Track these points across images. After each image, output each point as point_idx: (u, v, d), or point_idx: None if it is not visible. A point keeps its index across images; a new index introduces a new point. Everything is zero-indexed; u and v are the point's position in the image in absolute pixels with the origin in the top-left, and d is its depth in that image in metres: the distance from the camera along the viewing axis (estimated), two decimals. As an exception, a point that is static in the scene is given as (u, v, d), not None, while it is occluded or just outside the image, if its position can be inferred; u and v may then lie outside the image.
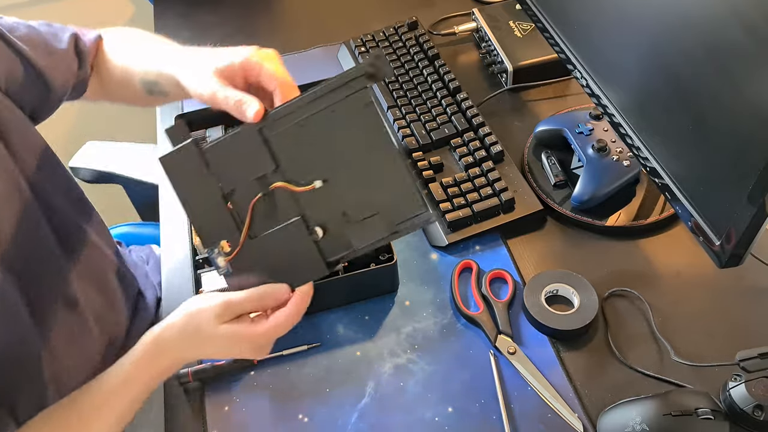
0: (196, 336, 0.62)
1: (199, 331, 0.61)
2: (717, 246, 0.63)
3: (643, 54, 0.70)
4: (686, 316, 0.75)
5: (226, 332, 0.60)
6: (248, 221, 0.59)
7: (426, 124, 0.93)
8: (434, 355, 0.74)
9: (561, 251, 0.83)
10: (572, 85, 1.02)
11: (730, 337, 0.73)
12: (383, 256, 0.77)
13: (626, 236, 0.83)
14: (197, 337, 0.61)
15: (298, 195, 0.58)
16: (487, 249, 0.83)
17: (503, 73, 1.02)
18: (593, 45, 0.80)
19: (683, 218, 0.68)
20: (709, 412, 0.63)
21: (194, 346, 0.63)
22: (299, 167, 0.58)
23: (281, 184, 0.58)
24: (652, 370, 0.71)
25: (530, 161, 0.91)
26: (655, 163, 0.71)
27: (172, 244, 0.88)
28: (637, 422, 0.63)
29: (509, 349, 0.73)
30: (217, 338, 0.61)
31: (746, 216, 0.57)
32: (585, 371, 0.72)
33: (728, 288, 0.77)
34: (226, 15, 1.24)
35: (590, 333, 0.75)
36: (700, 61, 0.61)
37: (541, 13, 0.90)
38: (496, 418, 0.69)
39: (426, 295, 0.80)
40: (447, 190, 0.86)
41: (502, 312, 0.76)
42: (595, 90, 0.79)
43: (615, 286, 0.78)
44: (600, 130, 0.88)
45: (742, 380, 0.64)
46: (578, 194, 0.83)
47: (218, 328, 0.60)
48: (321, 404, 0.71)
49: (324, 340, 0.76)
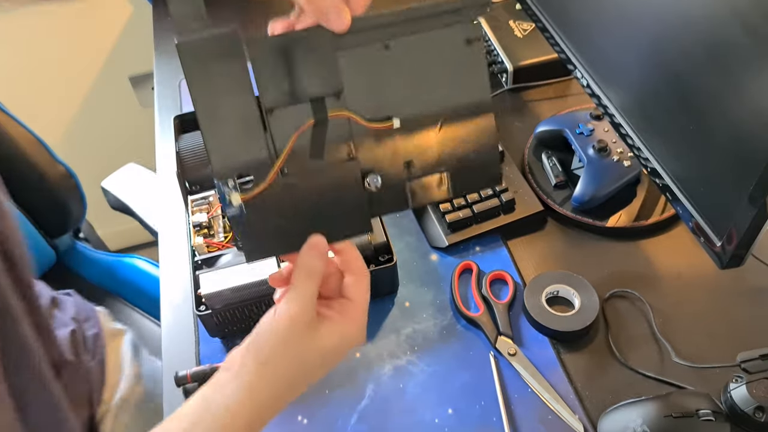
0: (305, 371, 0.49)
1: (306, 362, 0.49)
2: (718, 247, 0.62)
3: (643, 54, 0.70)
4: (687, 317, 0.75)
5: (334, 339, 0.50)
6: (287, 151, 0.47)
7: (426, 124, 0.93)
8: (434, 356, 0.74)
9: (561, 252, 0.83)
10: (573, 86, 1.02)
11: (731, 338, 0.72)
12: (383, 257, 0.77)
13: (627, 237, 0.83)
14: (307, 370, 0.50)
15: (364, 132, 0.48)
16: (487, 250, 0.83)
17: (503, 73, 1.02)
18: (594, 45, 0.79)
19: (684, 219, 0.68)
20: (710, 414, 0.63)
21: (307, 380, 0.50)
22: (369, 98, 0.47)
23: (346, 113, 0.47)
24: (653, 371, 0.70)
25: (531, 162, 0.90)
26: (655, 163, 0.70)
27: (170, 243, 0.88)
28: (637, 424, 0.63)
29: (509, 351, 0.73)
30: (329, 353, 0.50)
31: (747, 216, 0.57)
32: (585, 372, 0.71)
33: (729, 289, 0.77)
34: (225, 16, 1.23)
35: (591, 334, 0.74)
36: (701, 61, 0.60)
37: (541, 13, 0.90)
38: (497, 419, 0.68)
39: (426, 296, 0.80)
40: (447, 191, 0.85)
41: (502, 313, 0.76)
42: (595, 90, 0.79)
43: (616, 287, 0.77)
44: (600, 131, 0.87)
45: (743, 381, 0.63)
46: (579, 195, 0.83)
47: (322, 341, 0.49)
48: (320, 406, 0.71)
49: (323, 341, 0.76)
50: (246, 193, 0.47)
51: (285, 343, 0.48)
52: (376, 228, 0.77)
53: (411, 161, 0.49)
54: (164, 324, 0.81)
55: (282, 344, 0.48)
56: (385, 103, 0.48)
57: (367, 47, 0.46)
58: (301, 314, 0.48)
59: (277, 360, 0.48)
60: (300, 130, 0.47)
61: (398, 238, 0.85)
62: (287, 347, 0.48)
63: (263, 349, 0.48)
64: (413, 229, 0.86)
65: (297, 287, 0.49)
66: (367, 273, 0.52)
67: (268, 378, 0.48)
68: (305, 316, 0.48)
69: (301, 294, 0.48)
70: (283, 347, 0.48)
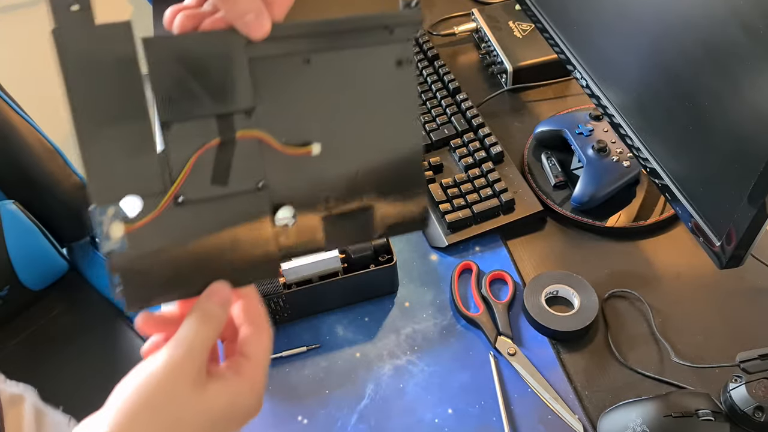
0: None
1: (181, 422, 0.36)
2: (717, 247, 0.63)
3: (643, 54, 0.70)
4: (686, 317, 0.75)
5: (221, 402, 0.39)
6: (184, 174, 0.39)
7: (426, 124, 0.93)
8: (434, 356, 0.74)
9: (561, 252, 0.83)
10: (572, 86, 1.02)
11: (731, 338, 0.72)
12: (383, 257, 0.77)
13: (626, 237, 0.83)
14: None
15: (276, 158, 0.41)
16: (487, 250, 0.83)
17: (503, 73, 1.02)
18: (593, 45, 0.80)
19: (683, 219, 0.68)
20: (709, 414, 0.63)
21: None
22: (286, 119, 0.41)
23: (258, 134, 0.40)
24: (653, 371, 0.71)
25: (530, 162, 0.90)
26: (655, 163, 0.70)
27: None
28: (637, 423, 0.63)
29: (509, 351, 0.73)
30: (218, 420, 0.39)
31: (747, 217, 0.57)
32: (585, 372, 0.72)
33: (729, 289, 0.77)
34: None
35: (590, 334, 0.74)
36: (700, 61, 0.60)
37: (540, 14, 0.90)
38: (496, 419, 0.68)
39: (426, 296, 0.80)
40: (447, 191, 0.85)
41: (502, 313, 0.76)
42: (595, 90, 0.79)
43: (615, 287, 0.77)
44: (600, 131, 0.87)
45: (742, 381, 0.63)
46: (578, 195, 0.83)
47: (208, 403, 0.38)
48: (320, 406, 0.71)
49: (323, 341, 0.76)
50: (130, 223, 0.38)
51: (157, 399, 0.36)
52: (376, 228, 0.77)
53: (330, 195, 0.43)
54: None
55: (153, 399, 0.36)
56: (303, 126, 0.41)
57: (286, 60, 0.40)
58: (186, 364, 0.37)
59: (144, 423, 0.35)
60: (200, 151, 0.39)
61: (398, 238, 0.85)
62: (161, 405, 0.36)
63: (124, 408, 0.35)
64: (413, 230, 0.86)
65: (187, 330, 0.38)
66: (268, 328, 0.43)
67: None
68: (191, 367, 0.37)
69: (191, 339, 0.38)
70: (154, 405, 0.35)
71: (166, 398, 0.36)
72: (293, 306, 0.76)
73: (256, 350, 0.42)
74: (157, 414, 0.36)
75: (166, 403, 0.36)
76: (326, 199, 0.43)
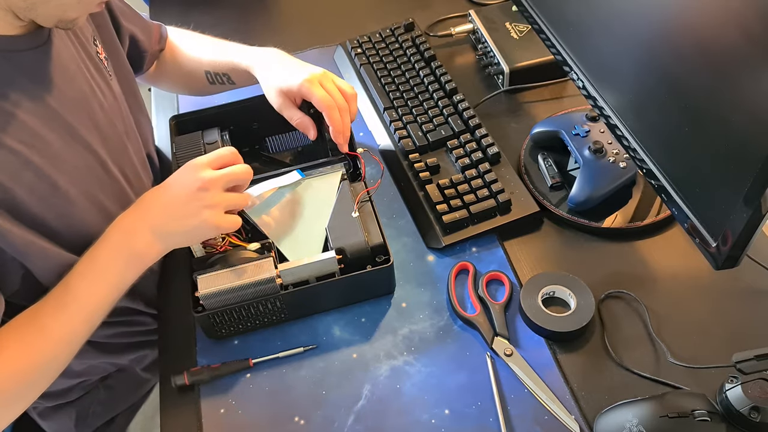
0: (155, 201, 0.68)
1: (157, 194, 0.68)
2: (713, 248, 0.63)
3: (639, 55, 0.70)
4: (682, 317, 0.75)
5: (178, 176, 0.68)
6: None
7: (422, 125, 0.93)
8: (431, 357, 0.74)
9: (557, 253, 0.83)
10: (569, 87, 1.02)
11: (727, 339, 0.73)
12: (380, 258, 0.77)
13: (623, 238, 0.83)
14: (157, 201, 0.68)
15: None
16: (483, 251, 0.83)
17: (500, 74, 1.02)
18: (589, 47, 0.80)
19: (679, 220, 0.68)
20: (705, 414, 0.63)
21: (157, 211, 0.68)
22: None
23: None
24: (649, 371, 0.71)
25: (527, 163, 0.91)
26: (651, 164, 0.71)
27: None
28: (633, 424, 0.63)
29: (506, 351, 0.73)
30: (173, 187, 0.68)
31: (742, 218, 0.57)
32: (581, 373, 0.72)
33: (724, 290, 0.77)
34: (221, 16, 1.23)
35: (587, 335, 0.75)
36: (696, 62, 0.61)
37: (537, 15, 0.90)
38: (493, 420, 0.69)
39: (422, 297, 0.80)
40: (443, 192, 0.85)
41: (498, 314, 0.76)
42: (591, 92, 0.80)
43: (611, 287, 0.78)
44: (596, 132, 0.88)
45: (738, 382, 0.64)
46: (575, 196, 0.83)
47: (170, 179, 0.69)
48: (317, 406, 0.71)
49: (320, 342, 0.76)
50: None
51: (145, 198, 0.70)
52: (373, 229, 0.77)
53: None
54: (162, 324, 0.81)
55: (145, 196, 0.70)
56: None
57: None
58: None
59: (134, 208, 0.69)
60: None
61: (395, 239, 0.85)
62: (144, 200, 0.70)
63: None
64: (410, 230, 0.86)
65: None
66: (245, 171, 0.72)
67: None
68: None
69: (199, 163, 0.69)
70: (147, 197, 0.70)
71: (158, 188, 0.70)
72: (290, 307, 0.76)
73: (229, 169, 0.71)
74: (149, 195, 0.70)
75: (155, 190, 0.70)
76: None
